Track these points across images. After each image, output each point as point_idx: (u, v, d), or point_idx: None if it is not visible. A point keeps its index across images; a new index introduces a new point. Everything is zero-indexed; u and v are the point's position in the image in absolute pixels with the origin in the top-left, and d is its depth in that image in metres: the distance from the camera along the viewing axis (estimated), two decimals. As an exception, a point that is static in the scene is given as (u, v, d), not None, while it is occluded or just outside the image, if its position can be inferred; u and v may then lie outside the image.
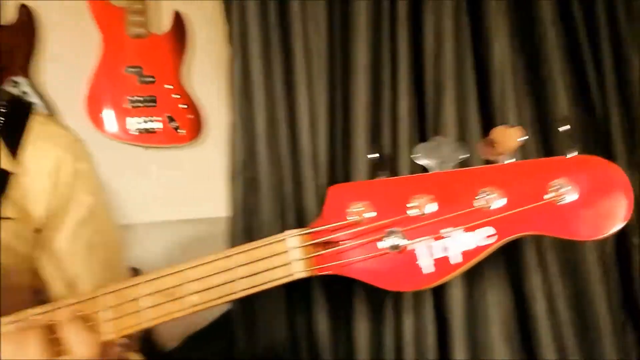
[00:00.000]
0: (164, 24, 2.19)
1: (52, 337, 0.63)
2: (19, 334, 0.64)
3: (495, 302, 1.00)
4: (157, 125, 2.13)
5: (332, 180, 1.08)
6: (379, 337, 1.05)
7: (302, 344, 1.03)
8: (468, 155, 0.58)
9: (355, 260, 0.55)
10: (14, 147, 0.90)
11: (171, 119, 2.16)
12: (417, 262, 0.53)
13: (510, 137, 0.54)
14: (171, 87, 2.15)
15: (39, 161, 0.92)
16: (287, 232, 0.58)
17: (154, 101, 2.13)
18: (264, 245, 0.59)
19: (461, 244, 0.54)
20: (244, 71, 1.00)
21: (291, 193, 1.02)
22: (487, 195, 0.53)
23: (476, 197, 0.53)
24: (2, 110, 0.93)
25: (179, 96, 2.16)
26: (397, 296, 1.04)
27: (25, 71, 2.03)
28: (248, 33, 0.99)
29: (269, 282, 0.58)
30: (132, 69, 2.11)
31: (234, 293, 0.60)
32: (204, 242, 2.18)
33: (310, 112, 1.00)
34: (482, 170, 0.54)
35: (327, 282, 0.91)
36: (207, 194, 2.31)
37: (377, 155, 0.58)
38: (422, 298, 1.04)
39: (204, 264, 0.61)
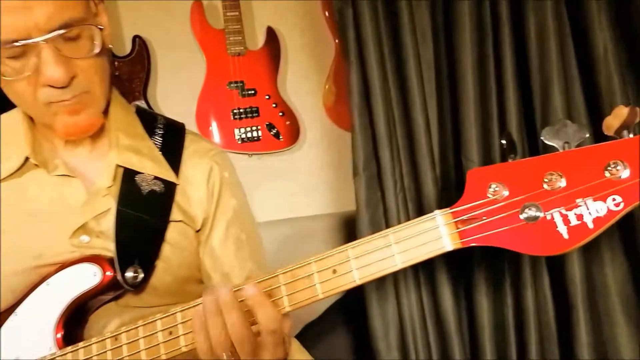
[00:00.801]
0: (259, 39, 2.38)
1: (244, 311, 0.77)
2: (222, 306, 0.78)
3: (613, 275, 1.05)
4: (259, 133, 2.32)
5: (446, 170, 1.17)
6: (501, 312, 1.13)
7: (429, 320, 1.13)
8: (588, 135, 0.67)
9: (499, 231, 0.65)
10: (175, 162, 1.06)
11: (271, 127, 2.34)
12: (557, 229, 0.62)
13: (631, 114, 0.62)
14: (269, 97, 2.33)
15: (196, 173, 1.07)
16: (437, 212, 0.68)
17: (257, 112, 2.31)
18: (416, 224, 0.69)
19: (593, 212, 0.62)
20: (361, 81, 1.11)
21: (411, 185, 1.13)
22: (615, 167, 0.61)
23: (605, 169, 0.61)
24: (160, 132, 1.10)
25: (276, 105, 2.33)
26: (515, 272, 1.12)
27: (143, 94, 2.28)
28: (365, 48, 1.09)
29: (422, 255, 0.69)
30: (234, 84, 2.30)
31: (390, 267, 0.71)
32: (308, 238, 2.34)
33: (423, 112, 1.10)
34: (607, 146, 0.62)
35: (450, 263, 0.99)
36: (307, 194, 2.47)
37: (507, 141, 0.67)
38: (539, 274, 1.10)
39: (363, 243, 0.72)
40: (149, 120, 1.11)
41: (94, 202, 0.99)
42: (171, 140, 1.09)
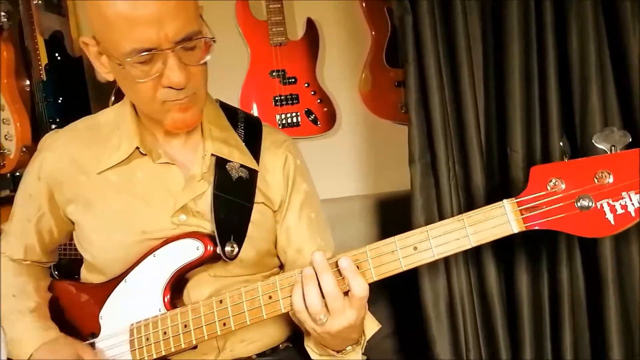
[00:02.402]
0: (299, 30, 2.50)
1: (338, 279, 0.93)
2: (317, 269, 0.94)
3: (639, 253, 1.20)
4: (299, 119, 2.47)
5: (491, 159, 1.32)
6: (537, 286, 1.28)
7: (475, 292, 1.29)
8: (630, 140, 0.81)
9: (557, 217, 0.80)
10: (255, 152, 1.21)
11: (309, 113, 2.48)
12: (605, 217, 0.77)
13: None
14: (308, 85, 2.47)
15: (273, 161, 1.21)
16: (504, 201, 0.84)
17: (296, 99, 2.46)
18: (487, 210, 0.84)
19: (635, 203, 0.77)
20: (418, 80, 1.25)
21: (461, 172, 1.28)
22: (654, 167, 0.76)
23: (646, 169, 0.76)
24: (242, 125, 1.25)
25: (314, 92, 2.48)
26: (551, 251, 1.27)
27: (190, 83, 2.42)
28: (423, 51, 1.23)
29: (491, 236, 0.84)
30: (276, 73, 2.44)
31: (465, 245, 0.86)
32: (344, 217, 2.49)
33: (474, 109, 1.25)
34: (648, 150, 0.77)
35: (494, 242, 1.13)
36: (342, 177, 2.61)
37: (564, 144, 0.82)
38: (573, 252, 1.25)
39: (440, 226, 0.88)
40: (231, 114, 1.25)
41: (191, 186, 1.13)
42: (251, 132, 1.24)
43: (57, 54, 2.16)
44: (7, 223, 1.26)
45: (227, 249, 1.09)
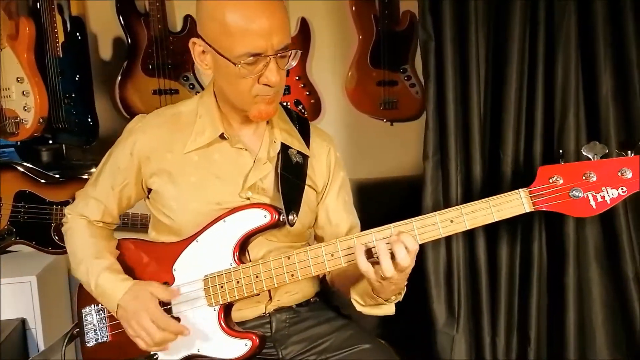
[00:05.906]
0: (292, 28, 2.74)
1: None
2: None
3: (591, 232, 1.58)
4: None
5: (484, 159, 1.66)
6: (513, 257, 1.64)
7: (468, 262, 1.64)
8: (607, 151, 1.16)
9: (556, 202, 1.14)
10: (306, 142, 1.47)
11: (298, 103, 2.75)
12: (590, 203, 1.12)
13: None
14: (299, 78, 2.73)
15: (319, 151, 1.48)
16: (520, 190, 1.16)
17: (288, 90, 2.71)
18: (507, 195, 1.16)
19: (610, 195, 1.12)
20: (436, 94, 1.56)
21: (463, 168, 1.61)
22: (624, 170, 1.11)
23: (618, 172, 1.11)
24: (295, 121, 1.51)
25: (304, 85, 2.74)
26: (526, 232, 1.63)
27: (192, 68, 2.60)
28: (444, 72, 1.51)
29: (510, 213, 1.15)
30: (271, 65, 2.67)
31: (490, 220, 1.18)
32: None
33: (479, 119, 1.57)
34: (620, 159, 1.12)
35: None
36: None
37: (562, 152, 1.16)
38: (541, 233, 1.61)
39: (471, 205, 1.18)
40: (287, 111, 1.51)
41: (259, 167, 1.38)
42: (303, 127, 1.50)
43: (77, 34, 2.29)
44: (89, 190, 1.46)
45: (290, 217, 1.34)
